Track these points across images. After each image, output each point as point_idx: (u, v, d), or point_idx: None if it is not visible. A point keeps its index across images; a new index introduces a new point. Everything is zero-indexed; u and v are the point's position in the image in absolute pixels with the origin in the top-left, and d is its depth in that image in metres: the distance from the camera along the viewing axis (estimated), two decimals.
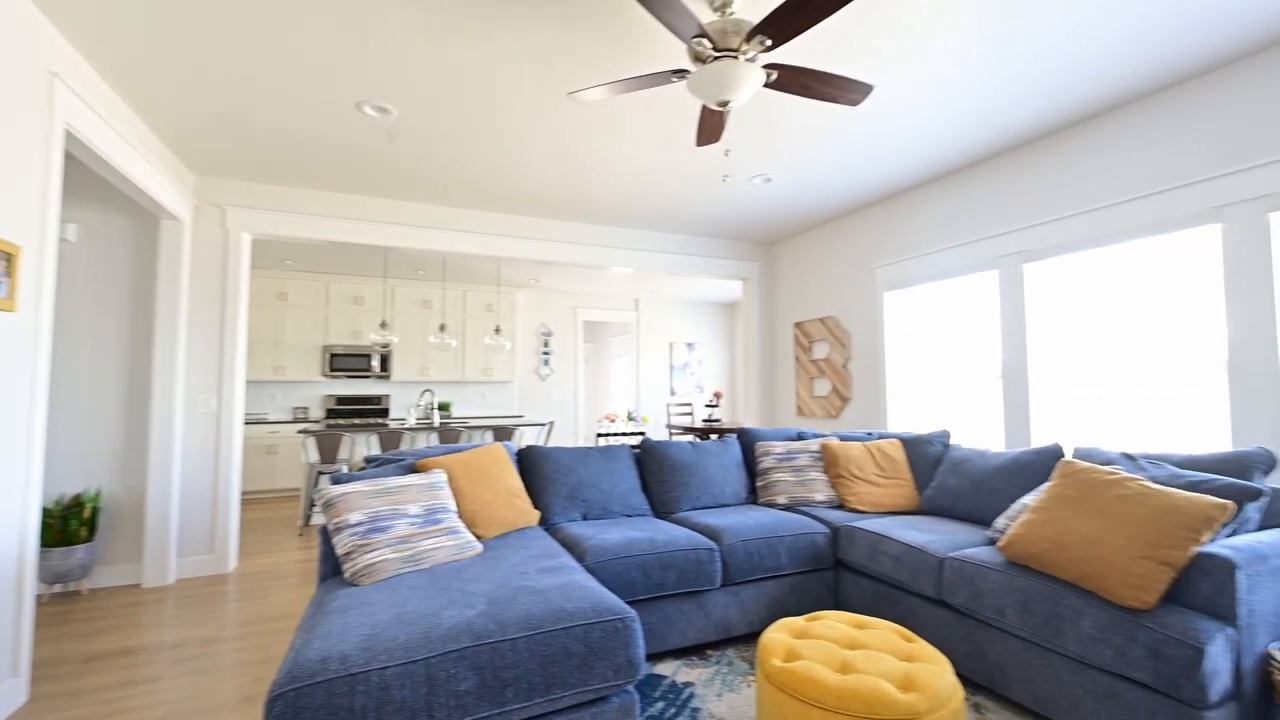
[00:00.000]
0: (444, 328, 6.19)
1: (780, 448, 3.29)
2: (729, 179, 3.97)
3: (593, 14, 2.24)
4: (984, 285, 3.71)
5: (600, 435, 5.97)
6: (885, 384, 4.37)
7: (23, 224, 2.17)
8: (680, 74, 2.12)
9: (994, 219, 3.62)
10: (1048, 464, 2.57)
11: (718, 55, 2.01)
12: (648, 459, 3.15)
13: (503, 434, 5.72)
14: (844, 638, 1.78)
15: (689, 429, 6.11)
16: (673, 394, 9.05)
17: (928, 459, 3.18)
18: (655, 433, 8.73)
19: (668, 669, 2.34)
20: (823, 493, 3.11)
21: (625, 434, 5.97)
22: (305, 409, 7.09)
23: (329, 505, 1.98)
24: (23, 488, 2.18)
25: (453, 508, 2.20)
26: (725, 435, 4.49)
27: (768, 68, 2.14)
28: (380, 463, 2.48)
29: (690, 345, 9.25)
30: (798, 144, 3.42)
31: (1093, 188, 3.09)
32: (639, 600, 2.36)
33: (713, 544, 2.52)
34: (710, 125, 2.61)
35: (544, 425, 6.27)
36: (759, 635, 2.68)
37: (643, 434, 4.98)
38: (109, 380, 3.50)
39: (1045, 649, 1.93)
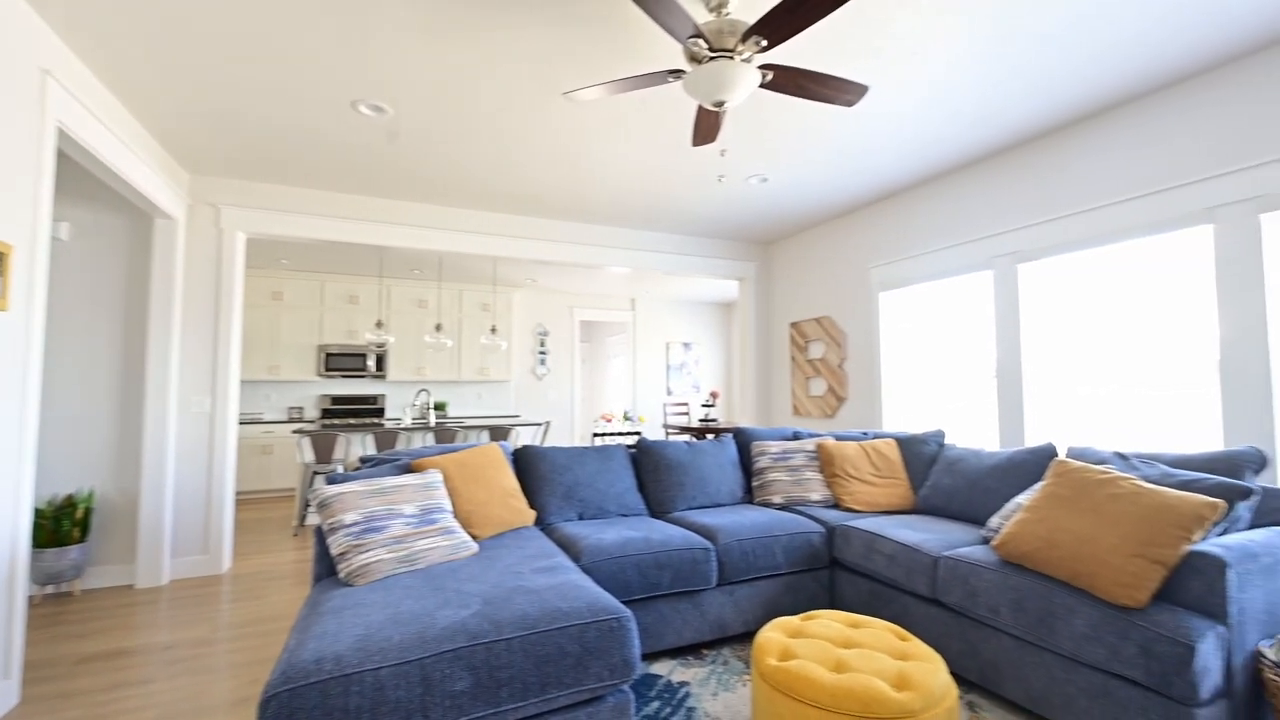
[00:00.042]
0: (440, 327, 6.18)
1: (776, 447, 3.29)
2: (725, 179, 3.98)
3: (588, 14, 2.24)
4: (979, 285, 3.73)
5: (596, 435, 5.97)
6: (881, 384, 4.39)
7: (14, 223, 2.16)
8: (676, 74, 2.13)
9: (988, 219, 3.63)
10: (1041, 463, 2.58)
11: (713, 55, 2.01)
12: (644, 459, 3.15)
13: (499, 434, 5.71)
14: (839, 637, 1.78)
15: (685, 429, 6.11)
16: (669, 394, 9.05)
17: (923, 458, 3.19)
18: (652, 432, 8.73)
19: (663, 668, 2.34)
20: (818, 492, 3.12)
21: (621, 434, 5.98)
22: (300, 409, 7.07)
23: (324, 505, 1.97)
24: (14, 488, 2.17)
25: (448, 508, 2.20)
26: (721, 435, 4.50)
27: (763, 68, 2.15)
28: (375, 463, 2.47)
29: (687, 345, 9.26)
30: (793, 144, 3.42)
31: (1087, 188, 3.11)
32: (635, 600, 2.37)
33: (708, 543, 2.52)
34: (706, 125, 2.61)
35: (540, 425, 6.26)
36: (755, 634, 2.68)
37: (639, 434, 4.98)
38: (102, 380, 3.48)
39: (1039, 647, 1.94)
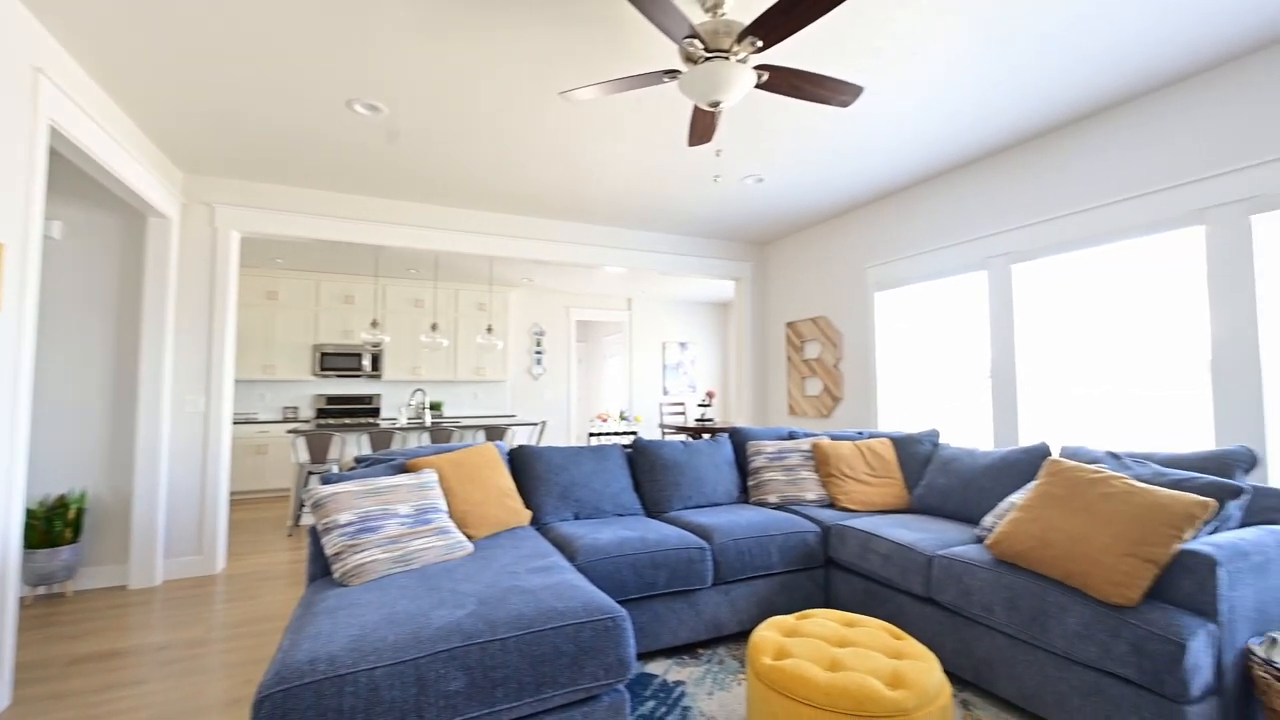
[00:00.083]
0: (436, 327, 6.16)
1: (772, 447, 3.30)
2: (720, 179, 3.98)
3: (584, 14, 2.24)
4: (974, 285, 3.74)
5: (593, 435, 5.97)
6: (876, 383, 4.40)
7: (6, 221, 2.14)
8: (672, 74, 2.13)
9: (983, 220, 3.65)
10: (1035, 462, 2.59)
11: (709, 56, 2.01)
12: (640, 458, 3.15)
13: (495, 434, 5.71)
14: (834, 636, 1.79)
15: (682, 428, 6.12)
16: (665, 393, 9.06)
17: (917, 458, 3.20)
18: (648, 432, 8.74)
19: (659, 668, 2.34)
20: (814, 492, 3.13)
21: (618, 433, 5.98)
22: (295, 408, 7.04)
23: (318, 505, 1.97)
24: (6, 488, 2.16)
25: (443, 507, 2.20)
26: (717, 434, 4.50)
27: (759, 69, 2.15)
28: (370, 462, 2.47)
29: (683, 345, 9.26)
30: (789, 145, 3.43)
31: (1081, 189, 3.12)
32: (630, 599, 2.37)
33: (704, 543, 2.53)
34: (702, 125, 2.62)
35: (536, 425, 6.26)
36: (750, 634, 2.69)
37: (635, 433, 4.98)
38: (94, 379, 3.46)
39: (1032, 646, 1.95)
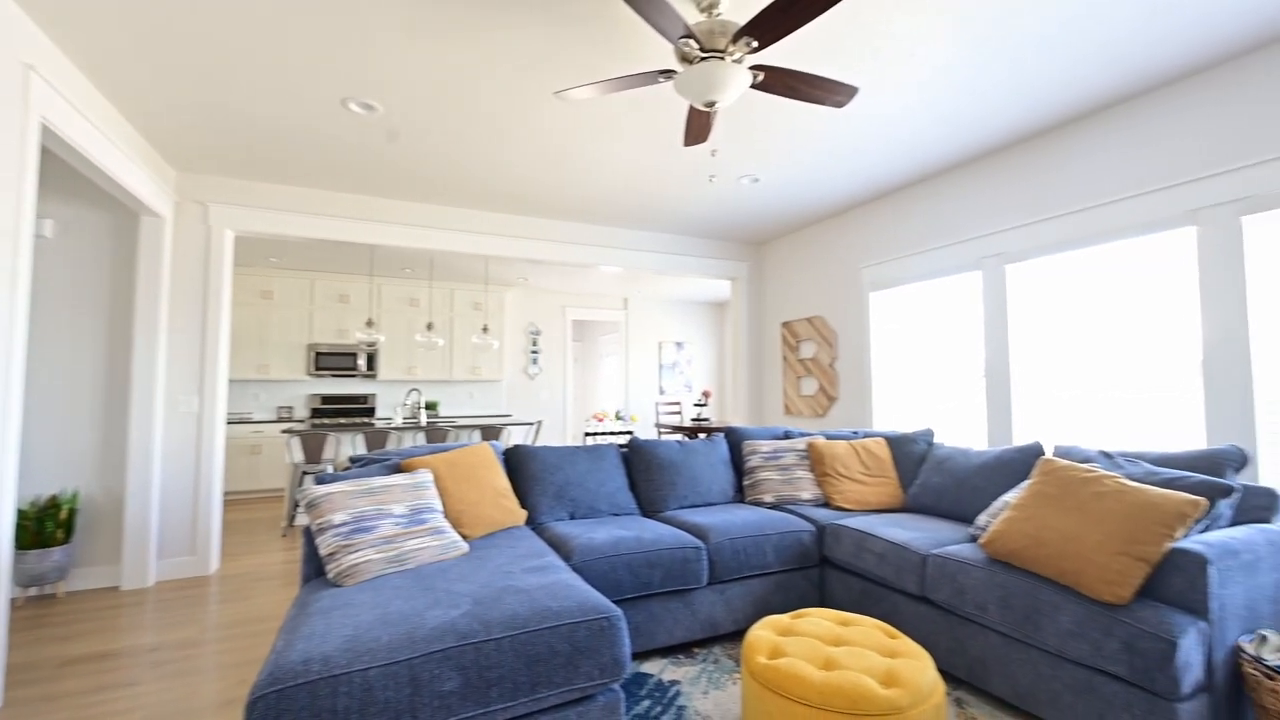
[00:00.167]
0: (431, 326, 6.15)
1: (767, 446, 3.31)
2: (716, 179, 3.99)
3: (579, 14, 2.24)
4: (968, 286, 3.76)
5: (588, 434, 5.97)
6: (871, 383, 4.41)
7: None
8: (667, 74, 2.13)
9: (977, 220, 3.66)
10: (1028, 462, 2.61)
11: (704, 56, 2.02)
12: (635, 458, 3.15)
13: (490, 433, 5.70)
14: (828, 635, 1.80)
15: (677, 428, 6.12)
16: (661, 393, 9.06)
17: (912, 457, 3.22)
18: (644, 432, 8.74)
19: (654, 667, 2.34)
20: (809, 491, 3.14)
21: (613, 433, 5.98)
22: (290, 408, 7.01)
23: (313, 505, 1.96)
24: None
25: (438, 507, 2.19)
26: (713, 434, 4.51)
27: (754, 69, 2.15)
28: (365, 462, 2.46)
29: (679, 344, 9.27)
30: (785, 145, 3.44)
31: (1075, 189, 3.14)
32: (626, 599, 2.37)
33: (700, 542, 2.53)
34: (697, 125, 2.62)
35: (532, 425, 6.25)
36: (745, 633, 2.69)
37: (631, 433, 4.98)
38: (87, 379, 3.44)
39: (1025, 644, 1.96)
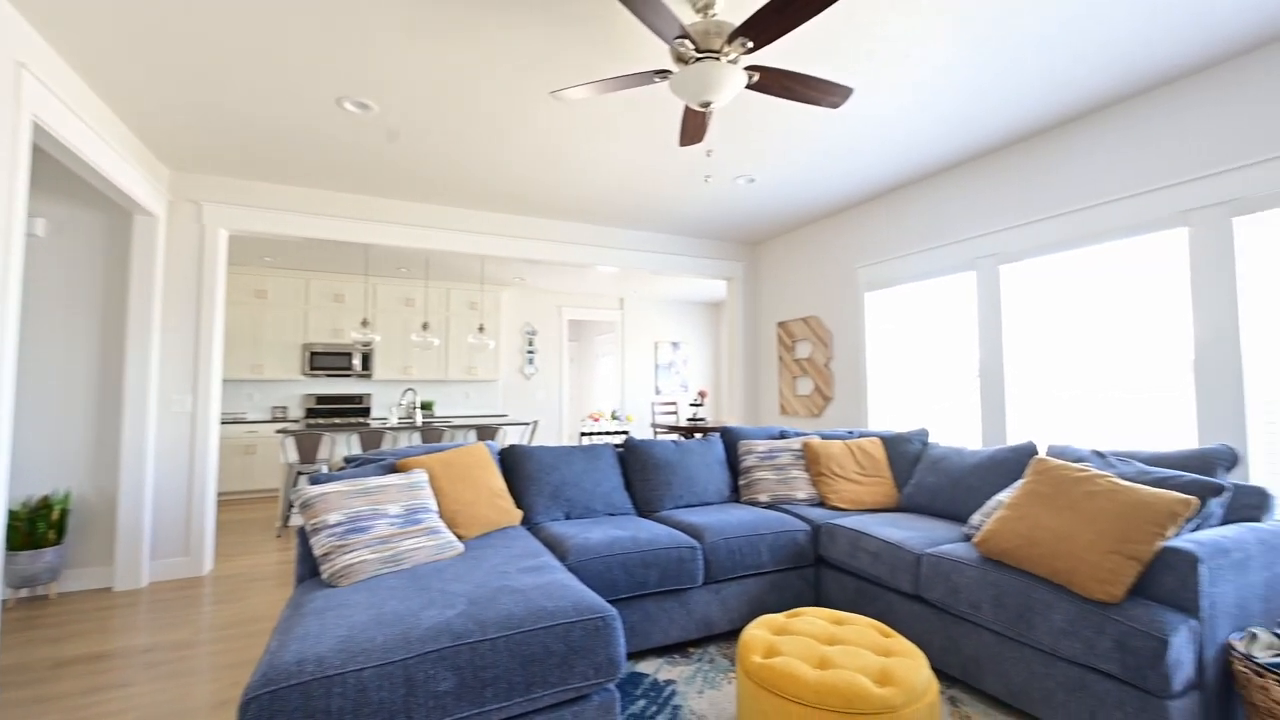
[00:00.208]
0: (427, 326, 6.13)
1: (763, 446, 3.31)
2: (711, 179, 3.99)
3: (575, 14, 2.24)
4: (962, 286, 3.78)
5: (584, 434, 5.97)
6: (866, 383, 4.43)
7: None
8: (663, 74, 2.13)
9: (972, 221, 3.68)
10: (1022, 461, 2.62)
11: (700, 56, 2.02)
12: (631, 458, 3.15)
13: (486, 433, 5.69)
14: (823, 634, 1.80)
15: (674, 428, 6.13)
16: (658, 393, 9.07)
17: (907, 457, 3.23)
18: (640, 431, 8.74)
19: (650, 667, 2.35)
20: (804, 490, 3.14)
21: (609, 433, 5.98)
22: (284, 408, 6.98)
23: (307, 506, 1.95)
24: None
25: (434, 507, 2.19)
26: (709, 434, 4.52)
27: (749, 69, 2.16)
28: (360, 462, 2.45)
29: (675, 344, 9.27)
30: (780, 145, 3.44)
31: (1069, 190, 3.15)
32: (621, 599, 2.37)
33: (695, 542, 2.53)
34: (693, 126, 2.62)
35: (528, 425, 6.24)
36: (741, 632, 2.70)
37: (626, 433, 4.99)
38: (79, 378, 3.41)
39: (1018, 642, 1.97)
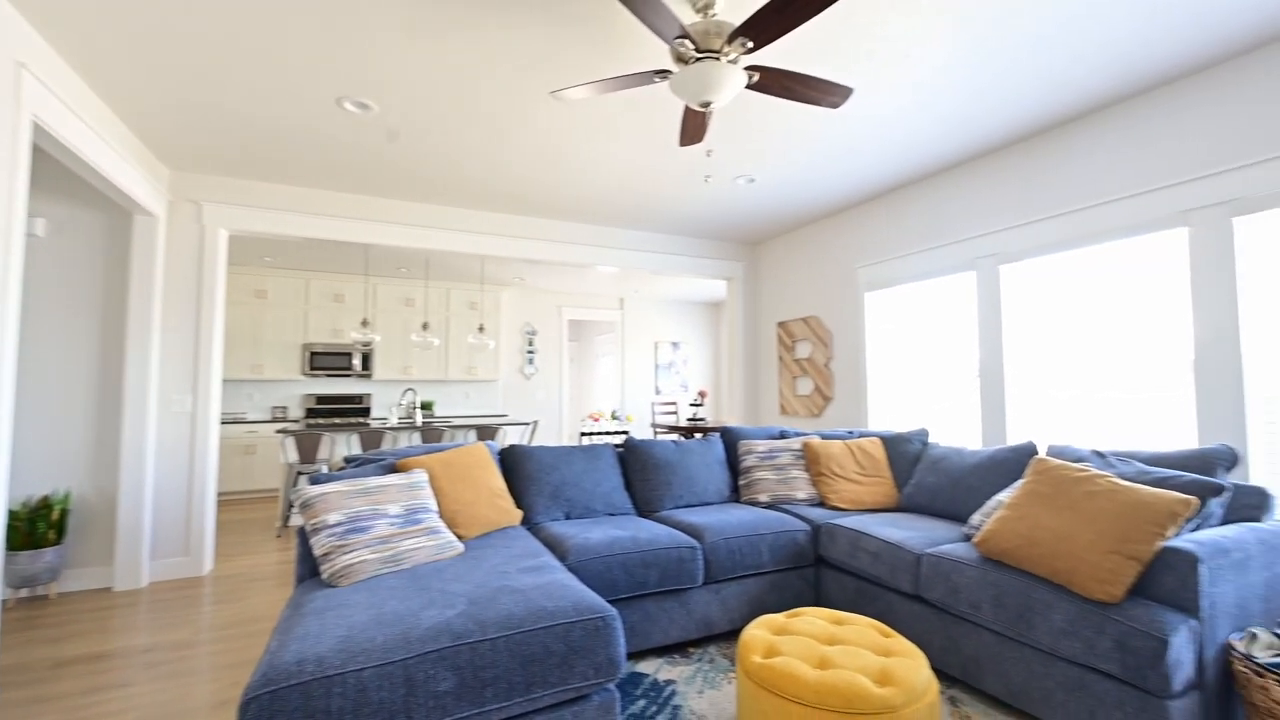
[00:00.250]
0: (427, 326, 6.13)
1: (763, 446, 3.31)
2: (711, 179, 3.99)
3: (577, 14, 2.24)
4: (962, 286, 3.78)
5: (584, 434, 5.97)
6: (866, 383, 4.43)
7: None
8: (663, 74, 2.13)
9: (972, 221, 3.68)
10: (1022, 461, 2.62)
11: (700, 56, 2.02)
12: (631, 458, 3.15)
13: (486, 433, 5.69)
14: (823, 634, 1.80)
15: (674, 428, 6.13)
16: (658, 393, 9.07)
17: (907, 457, 3.23)
18: (640, 431, 8.74)
19: (650, 667, 2.35)
20: (804, 490, 3.14)
21: (609, 433, 5.98)
22: (284, 408, 6.98)
23: (307, 505, 1.95)
24: None
25: (434, 507, 2.19)
26: (709, 434, 4.52)
27: (749, 69, 2.16)
28: (360, 462, 2.45)
29: (675, 344, 9.27)
30: (780, 145, 3.44)
31: (1069, 190, 3.15)
32: (621, 599, 2.37)
33: (695, 542, 2.53)
34: (693, 126, 2.62)
35: (528, 425, 6.24)
36: (741, 632, 2.70)
37: (626, 433, 4.99)
38: (79, 379, 3.41)
39: (1018, 642, 1.97)
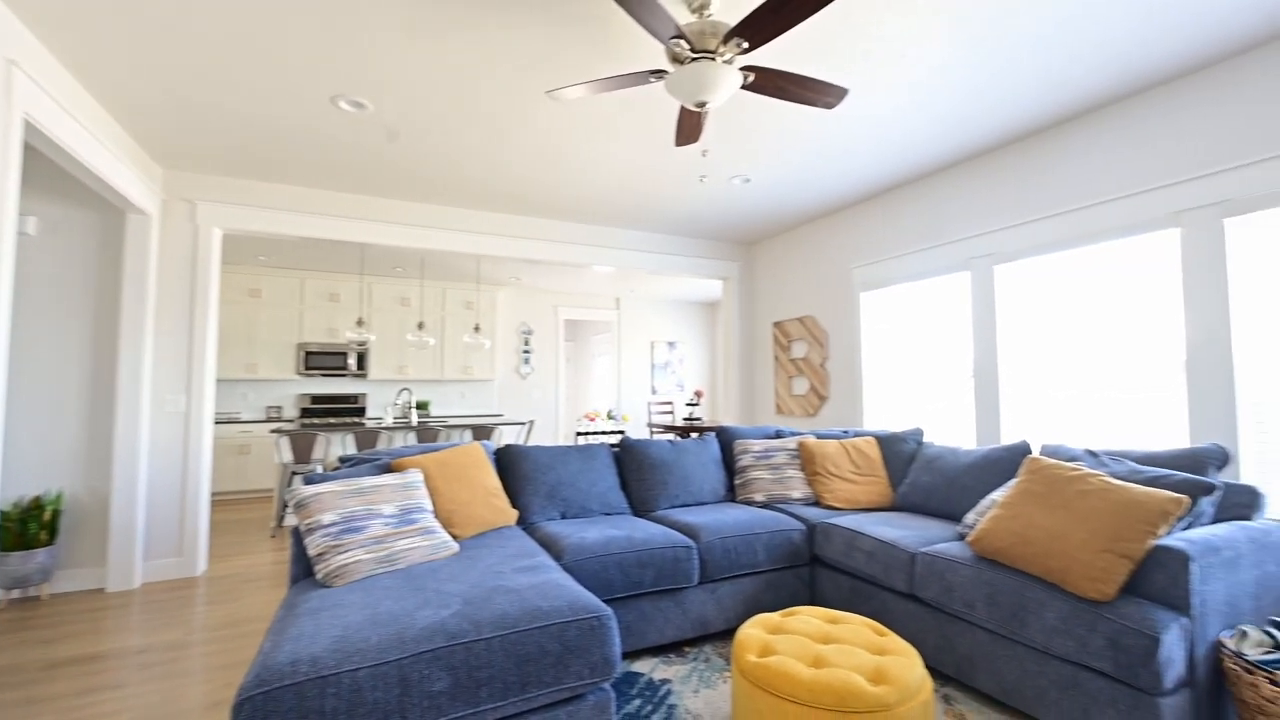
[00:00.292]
0: (422, 326, 6.12)
1: (758, 446, 3.32)
2: (707, 179, 4.00)
3: (574, 13, 2.24)
4: (957, 286, 3.79)
5: (580, 434, 5.96)
6: (862, 383, 4.44)
7: None
8: (658, 74, 2.13)
9: (966, 221, 3.70)
10: (1016, 460, 2.63)
11: (695, 56, 2.02)
12: (627, 457, 3.16)
13: (482, 433, 5.68)
14: (818, 632, 1.81)
15: (670, 427, 6.13)
16: (654, 392, 9.07)
17: (902, 456, 3.24)
18: (636, 431, 8.74)
19: (645, 666, 2.35)
20: (800, 490, 3.15)
21: (605, 433, 5.98)
22: (279, 408, 6.95)
23: (301, 505, 1.95)
24: None
25: (429, 507, 2.18)
26: (705, 433, 4.52)
27: (745, 70, 2.16)
28: (355, 462, 2.45)
29: (671, 344, 9.28)
30: (776, 145, 3.45)
31: (1064, 191, 3.17)
32: (617, 598, 2.37)
33: (691, 542, 2.54)
34: (689, 126, 2.62)
35: (524, 424, 6.23)
36: (736, 631, 2.70)
37: (622, 433, 4.99)
38: (72, 378, 3.39)
39: (1012, 641, 1.98)
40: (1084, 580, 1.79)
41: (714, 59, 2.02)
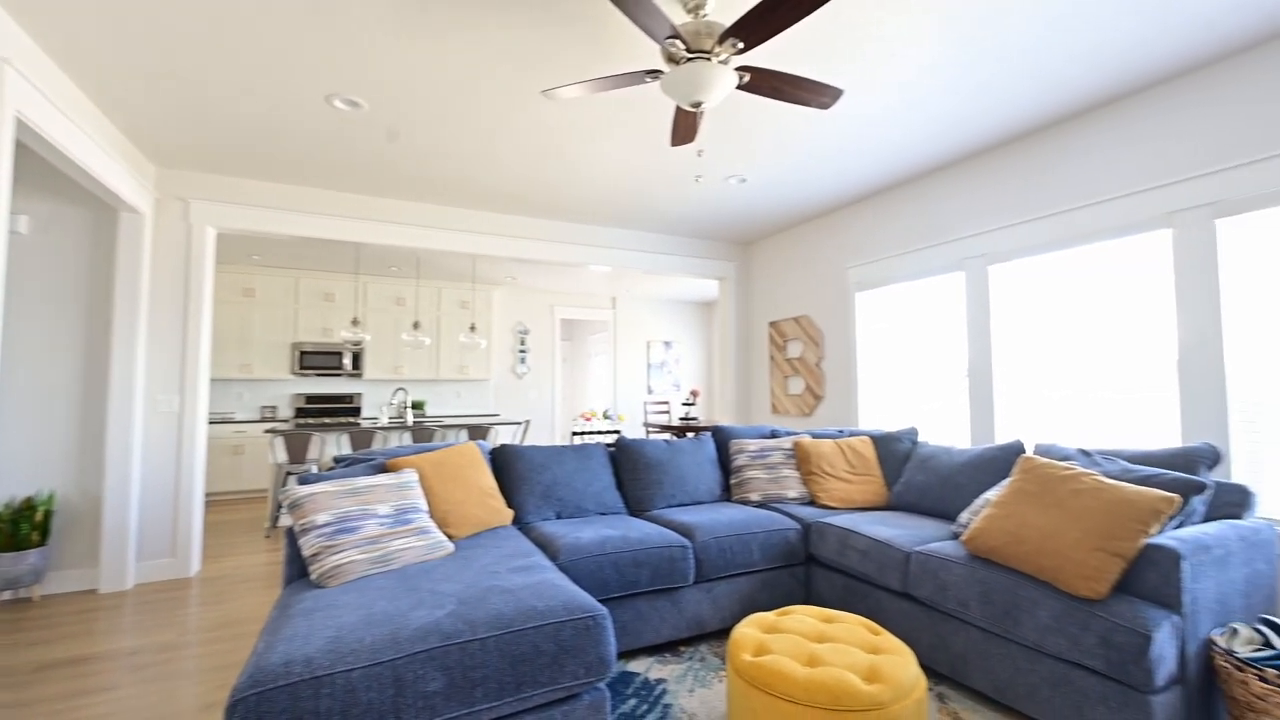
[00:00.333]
0: (418, 325, 6.10)
1: (754, 445, 3.32)
2: (703, 179, 4.00)
3: (570, 13, 2.24)
4: (952, 286, 3.81)
5: (576, 434, 5.96)
6: (857, 382, 4.45)
7: None
8: (654, 74, 2.13)
9: (961, 221, 3.71)
10: (1010, 459, 2.65)
11: (691, 56, 2.02)
12: (622, 457, 3.16)
13: (477, 433, 5.67)
14: (813, 631, 1.81)
15: (666, 427, 6.14)
16: (650, 392, 9.07)
17: (897, 455, 3.25)
18: (632, 431, 8.74)
19: (640, 666, 2.35)
20: (795, 489, 3.16)
21: (601, 432, 5.98)
22: (274, 408, 6.92)
23: (295, 506, 1.94)
24: None
25: (424, 507, 2.18)
26: (701, 433, 4.53)
27: (740, 70, 2.16)
28: (350, 462, 2.44)
29: (667, 344, 9.28)
30: (771, 146, 3.45)
31: (1059, 191, 3.18)
32: (612, 598, 2.37)
33: (686, 541, 2.54)
34: (684, 126, 2.62)
35: (519, 424, 6.23)
36: (731, 631, 2.71)
37: (618, 432, 4.99)
38: (63, 378, 3.37)
39: (1005, 639, 1.99)
40: (1077, 579, 1.80)
41: (709, 59, 2.02)
